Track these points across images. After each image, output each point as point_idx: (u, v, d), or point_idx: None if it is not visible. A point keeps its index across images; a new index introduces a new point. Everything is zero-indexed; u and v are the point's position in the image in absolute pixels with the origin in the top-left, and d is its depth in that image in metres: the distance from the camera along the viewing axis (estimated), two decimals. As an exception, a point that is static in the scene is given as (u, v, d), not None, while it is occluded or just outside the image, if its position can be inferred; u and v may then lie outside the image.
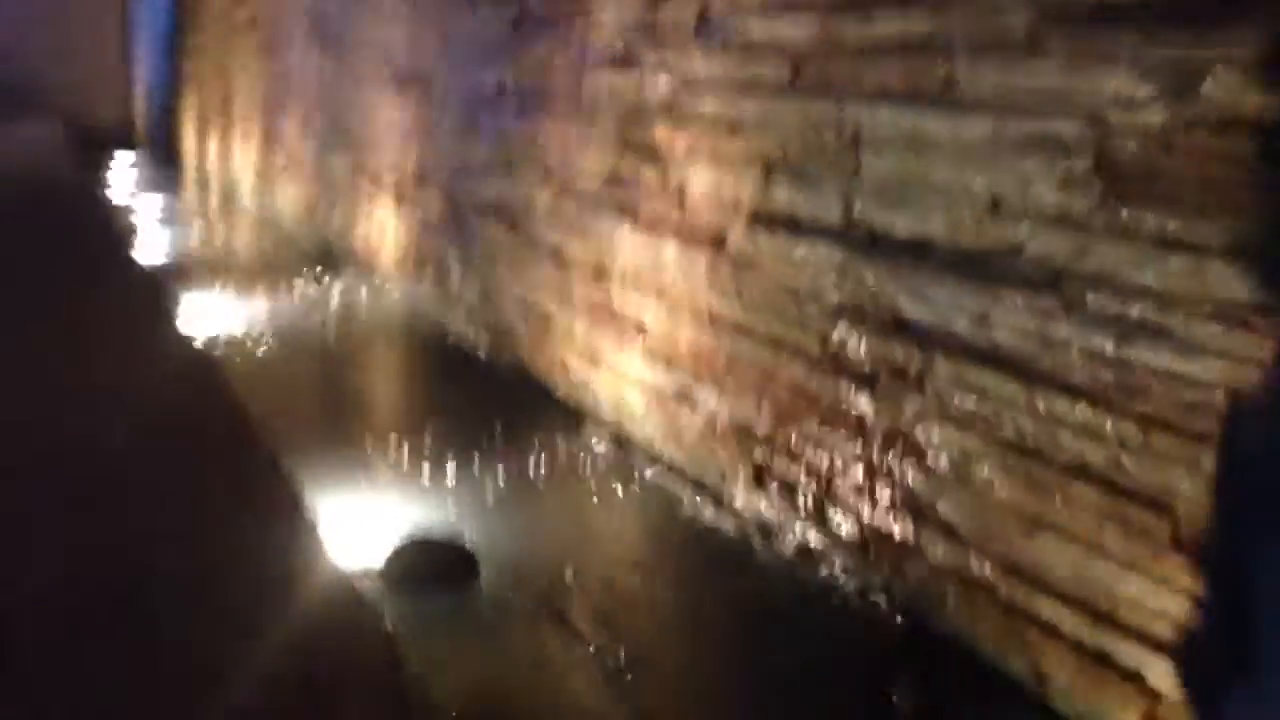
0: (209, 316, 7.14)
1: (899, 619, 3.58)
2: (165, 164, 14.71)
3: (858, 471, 3.75)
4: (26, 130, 11.18)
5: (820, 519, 3.91)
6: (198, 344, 4.34)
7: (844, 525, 3.81)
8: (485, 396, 5.75)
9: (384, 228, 8.07)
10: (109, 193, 10.17)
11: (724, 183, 4.37)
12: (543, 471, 4.84)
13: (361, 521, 4.05)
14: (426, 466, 4.80)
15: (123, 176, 13.23)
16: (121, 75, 18.54)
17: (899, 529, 3.59)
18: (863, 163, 3.69)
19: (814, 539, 3.93)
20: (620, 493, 4.68)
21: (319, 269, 8.79)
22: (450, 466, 4.78)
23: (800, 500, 4.00)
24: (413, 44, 7.47)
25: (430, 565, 3.84)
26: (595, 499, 4.61)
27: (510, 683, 3.31)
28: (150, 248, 8.45)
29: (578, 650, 3.48)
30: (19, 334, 4.31)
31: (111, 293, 5.07)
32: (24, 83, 15.61)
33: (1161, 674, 2.80)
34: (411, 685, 2.05)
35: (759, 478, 4.20)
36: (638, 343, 4.95)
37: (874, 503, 3.69)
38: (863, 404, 3.72)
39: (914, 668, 3.42)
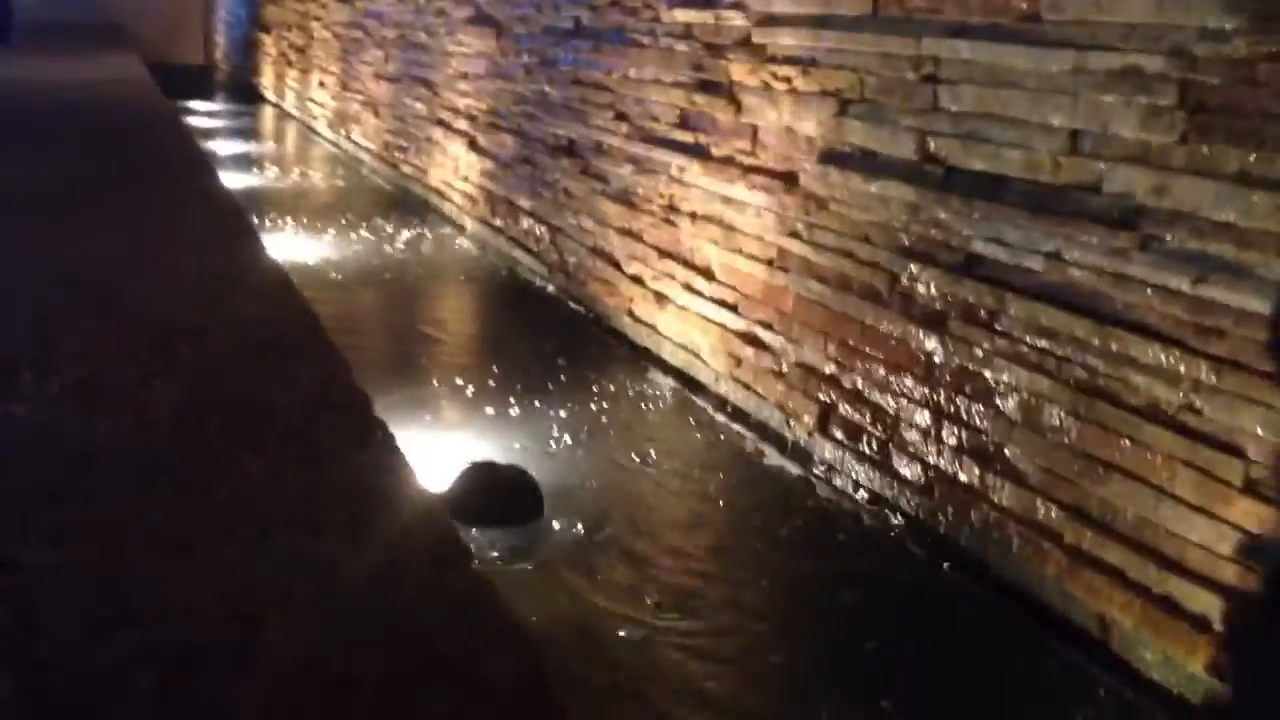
0: (287, 246, 7.23)
1: (963, 563, 3.55)
2: (245, 104, 14.86)
3: (924, 414, 3.71)
4: (114, 63, 11.35)
5: (885, 462, 3.87)
6: (279, 265, 4.41)
7: (909, 468, 3.77)
8: (553, 335, 5.76)
9: (457, 168, 8.09)
10: (193, 126, 10.28)
11: (797, 120, 4.31)
12: (609, 410, 4.84)
13: (428, 454, 4.08)
14: (494, 402, 4.83)
15: (206, 114, 13.40)
16: (203, 20, 18.78)
17: (965, 472, 3.55)
18: (940, 98, 3.62)
19: (878, 482, 3.90)
20: (684, 433, 4.67)
21: (393, 207, 8.85)
22: (517, 403, 4.80)
23: (865, 442, 3.96)
24: (490, -16, 7.45)
25: (497, 500, 3.86)
26: (659, 439, 4.60)
27: (574, 616, 3.34)
28: (232, 180, 8.55)
29: (641, 586, 3.49)
30: (110, 241, 4.44)
31: (197, 212, 5.18)
32: (112, 25, 15.90)
33: (1228, 619, 2.74)
34: (499, 603, 2.08)
35: (824, 419, 4.16)
36: (705, 283, 4.91)
37: (940, 446, 3.65)
38: (931, 345, 3.67)
39: (976, 612, 3.40)
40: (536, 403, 4.82)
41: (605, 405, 4.88)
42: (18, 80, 9.73)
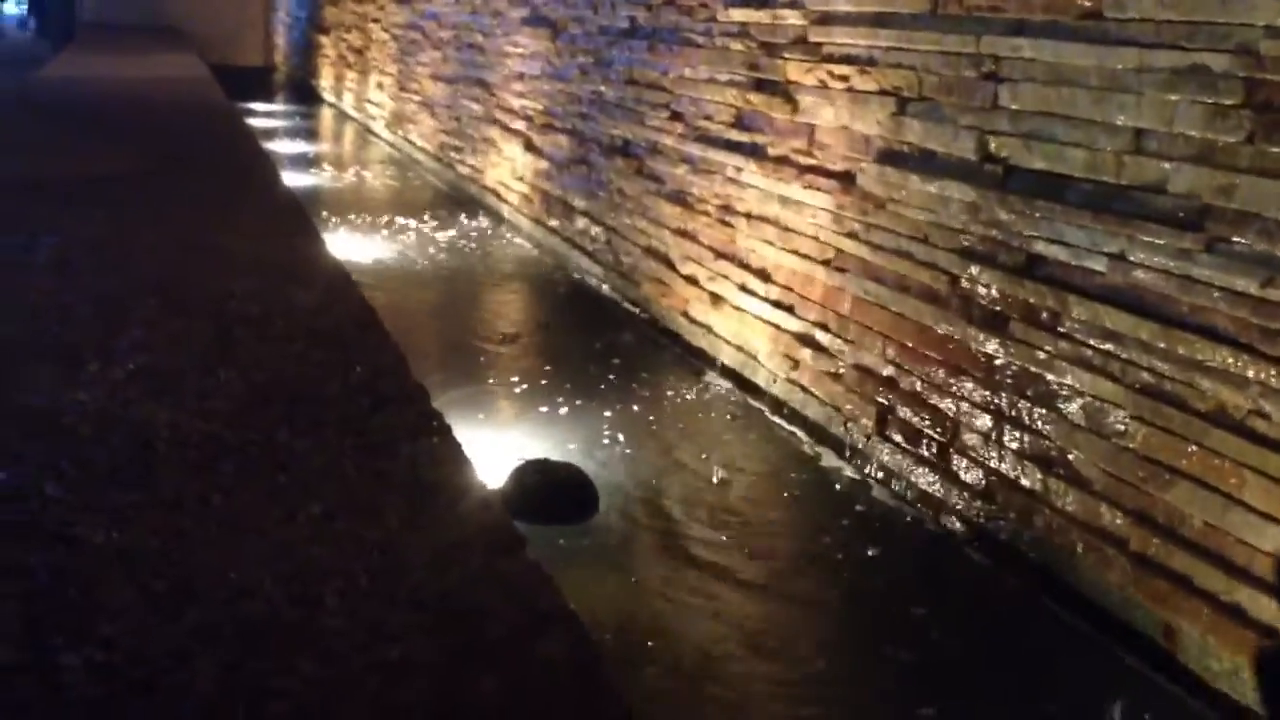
0: (344, 243, 7.29)
1: (1024, 569, 3.50)
2: (305, 105, 15.00)
3: (985, 418, 3.66)
4: (176, 62, 11.54)
5: (944, 465, 3.83)
6: (336, 259, 4.45)
7: (968, 472, 3.73)
8: (607, 335, 5.75)
9: (513, 168, 8.11)
10: (253, 125, 10.39)
11: (855, 120, 4.27)
12: (663, 410, 4.83)
13: (482, 450, 4.08)
14: (547, 401, 4.82)
15: (266, 114, 13.53)
16: (263, 22, 19.01)
17: (1027, 477, 3.50)
18: (1000, 96, 3.57)
19: (937, 485, 3.85)
20: (739, 434, 4.64)
21: (449, 206, 8.89)
22: (571, 402, 4.80)
23: (924, 446, 3.92)
24: (545, -16, 7.46)
25: (551, 495, 3.86)
26: (714, 439, 4.58)
27: (631, 612, 3.33)
28: (290, 178, 8.63)
29: (695, 583, 3.48)
30: (170, 230, 4.49)
31: (257, 205, 5.24)
32: (175, 28, 16.18)
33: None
34: (554, 588, 2.08)
35: (882, 422, 4.12)
36: (761, 284, 4.89)
37: (1001, 450, 3.60)
38: (992, 348, 3.62)
39: (1038, 619, 3.35)
40: (590, 402, 4.81)
41: (659, 405, 4.87)
42: (83, 78, 9.88)
